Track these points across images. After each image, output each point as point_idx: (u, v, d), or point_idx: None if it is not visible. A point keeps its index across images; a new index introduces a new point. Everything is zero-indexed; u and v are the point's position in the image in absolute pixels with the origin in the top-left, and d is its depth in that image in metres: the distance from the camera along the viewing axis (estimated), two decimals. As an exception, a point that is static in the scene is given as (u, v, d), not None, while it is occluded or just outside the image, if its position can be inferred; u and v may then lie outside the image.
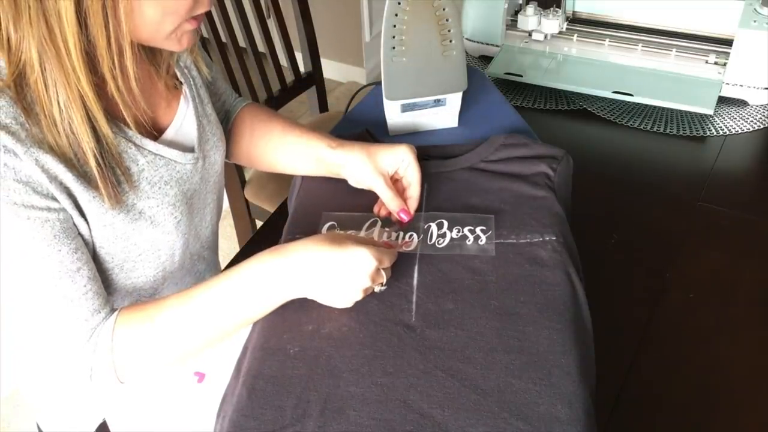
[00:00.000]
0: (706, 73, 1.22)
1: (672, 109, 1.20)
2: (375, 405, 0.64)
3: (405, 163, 0.83)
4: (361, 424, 0.63)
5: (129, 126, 0.70)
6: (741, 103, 1.21)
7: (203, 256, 0.89)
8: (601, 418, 0.68)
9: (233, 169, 1.56)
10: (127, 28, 0.62)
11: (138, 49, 0.71)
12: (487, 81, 1.15)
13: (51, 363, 0.81)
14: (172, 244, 0.78)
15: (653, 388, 0.77)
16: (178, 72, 0.80)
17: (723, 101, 1.21)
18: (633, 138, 1.15)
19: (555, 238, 0.78)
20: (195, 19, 0.68)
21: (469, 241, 0.79)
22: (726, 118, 1.18)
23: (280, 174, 0.93)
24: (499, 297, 0.73)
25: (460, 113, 1.03)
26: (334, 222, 0.83)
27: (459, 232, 0.80)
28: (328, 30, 2.58)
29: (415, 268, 0.77)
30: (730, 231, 0.96)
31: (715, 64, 1.21)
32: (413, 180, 0.83)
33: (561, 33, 1.32)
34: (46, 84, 0.62)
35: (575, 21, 1.36)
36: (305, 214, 0.86)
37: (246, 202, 1.61)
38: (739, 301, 0.86)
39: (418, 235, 0.80)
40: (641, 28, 1.32)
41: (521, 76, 1.27)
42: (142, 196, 0.72)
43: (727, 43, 1.21)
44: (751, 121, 1.17)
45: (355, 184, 0.85)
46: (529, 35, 1.33)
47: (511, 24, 1.35)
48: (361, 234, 0.81)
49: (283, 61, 1.64)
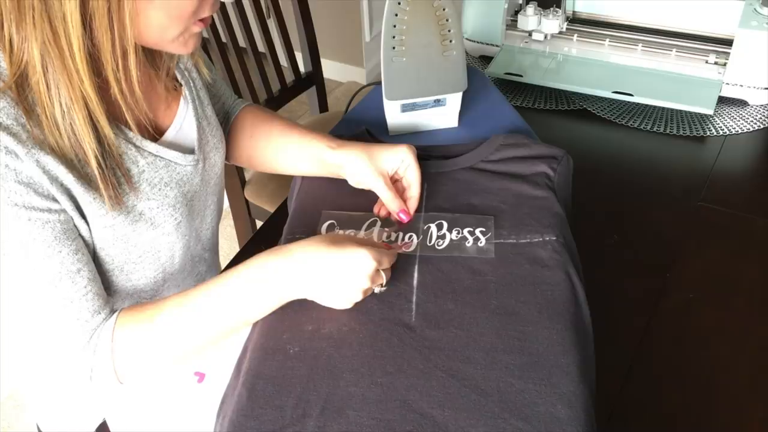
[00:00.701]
0: (706, 73, 1.22)
1: (672, 109, 1.20)
2: (375, 405, 0.64)
3: (405, 163, 0.83)
4: (361, 424, 0.63)
5: (129, 127, 0.70)
6: (741, 103, 1.21)
7: (204, 257, 0.89)
8: (601, 418, 0.67)
9: (233, 169, 1.56)
10: (131, 32, 0.62)
11: (140, 52, 0.71)
12: (487, 81, 1.15)
13: (51, 364, 0.81)
14: (172, 245, 0.78)
15: (653, 388, 0.77)
16: (178, 74, 0.80)
17: (723, 101, 1.21)
18: (633, 138, 1.15)
19: (555, 238, 0.78)
20: (202, 21, 0.68)
21: (469, 242, 0.79)
22: (726, 118, 1.18)
23: (281, 174, 0.93)
24: (499, 297, 0.73)
25: (460, 113, 1.03)
26: (333, 221, 0.83)
27: (459, 233, 0.80)
28: (328, 30, 2.58)
29: (415, 268, 0.77)
30: (730, 231, 0.96)
31: (715, 64, 1.21)
32: (413, 180, 0.83)
33: (561, 33, 1.32)
34: (48, 85, 0.62)
35: (575, 21, 1.36)
36: (305, 214, 0.86)
37: (246, 202, 1.61)
38: (739, 301, 0.86)
39: (418, 236, 0.80)
40: (641, 28, 1.32)
41: (521, 76, 1.27)
42: (142, 198, 0.72)
43: (727, 43, 1.21)
44: (751, 121, 1.17)
45: (355, 184, 0.85)
46: (529, 35, 1.33)
47: (511, 24, 1.34)
48: (361, 234, 0.81)
49: (283, 61, 1.64)
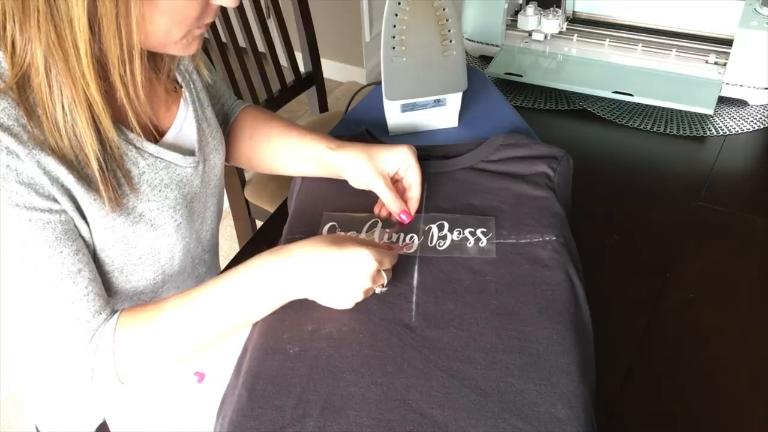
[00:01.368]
0: (706, 73, 1.22)
1: (672, 109, 1.20)
2: (375, 405, 0.64)
3: (405, 164, 0.83)
4: (361, 424, 0.63)
5: (130, 129, 0.70)
6: (741, 103, 1.21)
7: (204, 259, 0.89)
8: (601, 418, 0.67)
9: (233, 169, 1.56)
10: (138, 37, 0.62)
11: (145, 56, 0.71)
12: (487, 81, 1.15)
13: (52, 364, 0.81)
14: (171, 247, 0.78)
15: (653, 388, 0.77)
16: (178, 76, 0.80)
17: (723, 101, 1.21)
18: (633, 138, 1.15)
19: (555, 238, 0.78)
20: (205, 23, 0.68)
21: (470, 243, 0.79)
22: (726, 118, 1.18)
23: (281, 174, 0.93)
24: (499, 297, 0.73)
25: (460, 113, 1.03)
26: (334, 223, 0.83)
27: (460, 234, 0.80)
28: (328, 30, 2.58)
29: (415, 268, 0.77)
30: (730, 231, 0.96)
31: (715, 64, 1.21)
32: (414, 181, 0.83)
33: (561, 33, 1.32)
34: (51, 87, 0.62)
35: (575, 21, 1.36)
36: (305, 214, 0.86)
37: (246, 202, 1.61)
38: (739, 301, 0.86)
39: (419, 237, 0.80)
40: (641, 28, 1.32)
41: (521, 76, 1.27)
42: (142, 199, 0.72)
43: (727, 43, 1.21)
44: (751, 121, 1.17)
45: (356, 185, 0.85)
46: (529, 35, 1.33)
47: (511, 24, 1.34)
48: (362, 236, 0.81)
49: (283, 61, 1.64)
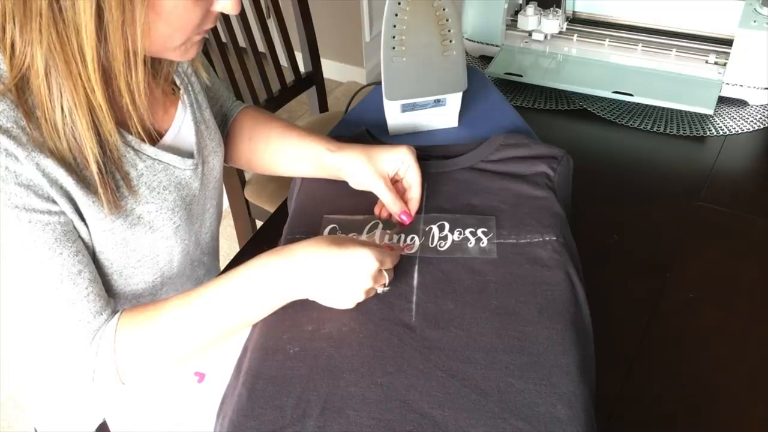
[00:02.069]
0: (706, 73, 1.22)
1: (672, 109, 1.20)
2: (375, 405, 0.64)
3: (405, 165, 0.83)
4: (361, 424, 0.63)
5: (130, 131, 0.70)
6: (741, 103, 1.21)
7: (203, 261, 0.89)
8: (601, 418, 0.67)
9: (233, 170, 1.56)
10: (142, 44, 0.62)
11: (148, 62, 0.71)
12: (487, 81, 1.15)
13: (53, 364, 0.81)
14: (170, 249, 0.78)
15: (653, 388, 0.77)
16: (177, 78, 0.80)
17: (723, 101, 1.21)
18: (633, 138, 1.15)
19: (555, 238, 0.78)
20: (205, 29, 0.68)
21: (471, 243, 0.79)
22: (726, 118, 1.18)
23: (280, 175, 0.93)
24: (499, 297, 0.73)
25: (460, 113, 1.03)
26: (335, 225, 0.83)
27: (460, 234, 0.80)
28: (328, 30, 2.58)
29: (415, 268, 0.76)
30: (730, 231, 0.96)
31: (715, 64, 1.21)
32: (414, 182, 0.83)
33: (561, 33, 1.32)
34: (50, 89, 0.62)
35: (575, 21, 1.36)
36: (305, 214, 0.86)
37: (246, 202, 1.61)
38: (739, 301, 0.86)
39: (420, 238, 0.80)
40: (641, 28, 1.31)
41: (521, 76, 1.27)
42: (140, 201, 0.72)
43: (727, 43, 1.21)
44: (751, 121, 1.17)
45: (356, 186, 0.85)
46: (529, 35, 1.33)
47: (511, 24, 1.34)
48: (363, 237, 0.81)
49: (283, 61, 1.64)
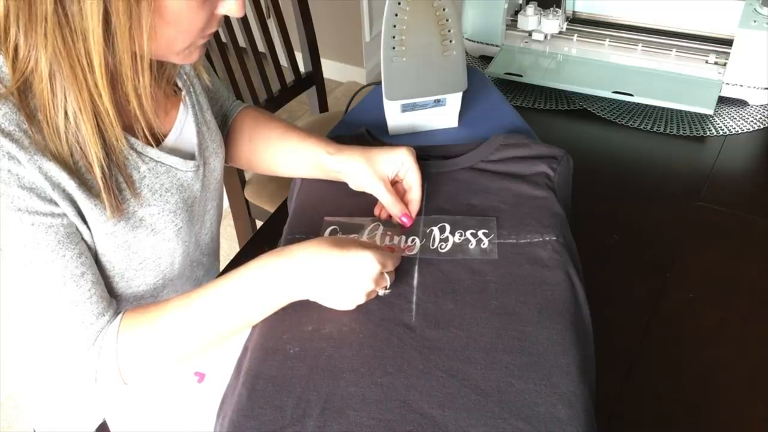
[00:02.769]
0: (706, 73, 1.22)
1: (672, 109, 1.20)
2: (375, 405, 0.64)
3: (405, 166, 0.82)
4: (361, 424, 0.63)
5: (134, 135, 0.70)
6: (741, 103, 1.21)
7: (201, 261, 0.89)
8: (601, 418, 0.67)
9: (233, 169, 1.56)
10: (149, 48, 0.62)
11: (154, 66, 0.71)
12: (487, 81, 1.15)
13: (54, 365, 0.81)
14: (172, 251, 0.78)
15: (653, 388, 0.77)
16: (179, 80, 0.80)
17: (723, 101, 1.21)
18: (633, 138, 1.15)
19: (555, 238, 0.78)
20: (208, 33, 0.68)
21: (472, 244, 0.79)
22: (726, 118, 1.18)
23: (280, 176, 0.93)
24: (499, 297, 0.73)
25: (460, 113, 1.03)
26: (335, 226, 0.83)
27: (461, 235, 0.79)
28: (328, 30, 2.58)
29: (415, 268, 0.76)
30: (730, 231, 0.96)
31: (715, 64, 1.21)
32: (414, 183, 0.83)
33: (561, 33, 1.32)
34: (54, 93, 0.62)
35: (575, 21, 1.36)
36: (305, 214, 0.86)
37: (246, 202, 1.61)
38: (739, 301, 0.86)
39: (420, 239, 0.80)
40: (641, 28, 1.31)
41: (521, 76, 1.27)
42: (143, 204, 0.72)
43: (727, 43, 1.21)
44: (751, 121, 1.17)
45: (356, 187, 0.85)
46: (529, 35, 1.33)
47: (511, 24, 1.34)
48: (363, 238, 0.81)
49: (283, 61, 1.64)
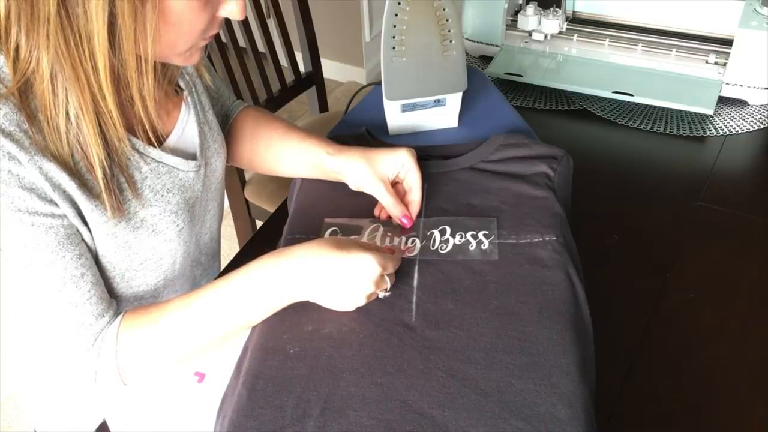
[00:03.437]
0: (706, 73, 1.22)
1: (672, 109, 1.20)
2: (375, 405, 0.64)
3: (405, 167, 0.82)
4: (361, 424, 0.63)
5: (136, 135, 0.70)
6: (741, 103, 1.21)
7: (200, 261, 0.89)
8: (601, 418, 0.67)
9: (233, 169, 1.56)
10: (153, 50, 0.62)
11: (158, 68, 0.71)
12: (487, 81, 1.15)
13: (54, 365, 0.81)
14: (173, 252, 0.78)
15: (653, 388, 0.77)
16: (181, 81, 0.80)
17: (723, 101, 1.21)
18: (633, 138, 1.15)
19: (555, 238, 0.78)
20: (209, 35, 0.68)
21: (472, 246, 0.78)
22: (726, 118, 1.18)
23: (281, 176, 0.93)
24: (499, 297, 0.73)
25: (460, 113, 1.03)
26: (336, 228, 0.83)
27: (462, 237, 0.79)
28: (328, 30, 2.58)
29: (415, 268, 0.76)
30: (730, 231, 0.96)
31: (715, 64, 1.21)
32: (414, 184, 0.83)
33: (561, 33, 1.32)
34: (55, 94, 0.61)
35: (575, 21, 1.36)
36: (305, 214, 0.86)
37: (246, 202, 1.61)
38: (739, 301, 0.86)
39: (420, 240, 0.80)
40: (641, 28, 1.32)
41: (521, 76, 1.27)
42: (144, 205, 0.72)
43: (727, 43, 1.21)
44: (751, 121, 1.17)
45: (356, 188, 0.85)
46: (529, 35, 1.33)
47: (511, 24, 1.34)
48: (363, 239, 0.81)
49: (283, 61, 1.64)
